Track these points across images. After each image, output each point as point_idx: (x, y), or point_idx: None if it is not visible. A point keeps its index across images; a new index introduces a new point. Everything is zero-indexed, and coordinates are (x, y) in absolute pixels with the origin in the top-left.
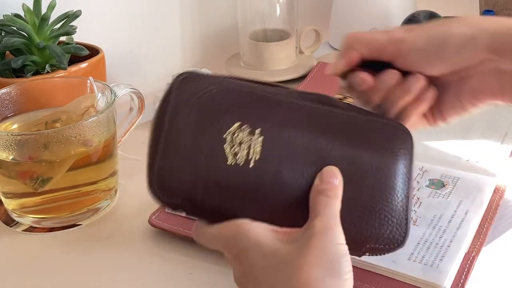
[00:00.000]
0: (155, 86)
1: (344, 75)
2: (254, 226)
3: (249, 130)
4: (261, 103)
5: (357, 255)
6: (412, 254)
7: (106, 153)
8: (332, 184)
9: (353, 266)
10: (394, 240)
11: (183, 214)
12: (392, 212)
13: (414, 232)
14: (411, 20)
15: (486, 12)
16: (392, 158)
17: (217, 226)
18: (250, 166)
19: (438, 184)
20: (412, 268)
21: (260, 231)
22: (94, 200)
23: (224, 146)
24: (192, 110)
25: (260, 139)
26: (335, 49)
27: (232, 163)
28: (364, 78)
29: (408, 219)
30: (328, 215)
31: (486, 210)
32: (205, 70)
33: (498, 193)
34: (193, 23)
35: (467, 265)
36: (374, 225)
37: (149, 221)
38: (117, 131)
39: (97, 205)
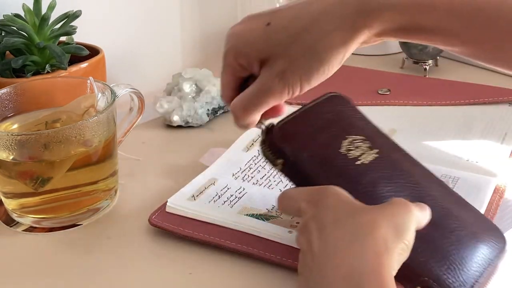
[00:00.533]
0: (155, 86)
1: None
2: (341, 189)
3: (369, 145)
4: (387, 140)
5: (409, 286)
6: None
7: (106, 153)
8: (420, 207)
9: None
10: None
11: (278, 168)
12: (461, 271)
13: None
14: None
15: None
16: (484, 239)
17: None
18: (356, 163)
19: None
20: None
21: (344, 192)
22: (94, 200)
23: (343, 141)
24: (334, 110)
25: (375, 155)
26: None
27: (343, 153)
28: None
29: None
30: (411, 207)
31: (486, 210)
32: (205, 71)
33: (498, 193)
34: (193, 23)
35: None
36: (441, 268)
37: (149, 220)
38: (117, 131)
39: (97, 205)
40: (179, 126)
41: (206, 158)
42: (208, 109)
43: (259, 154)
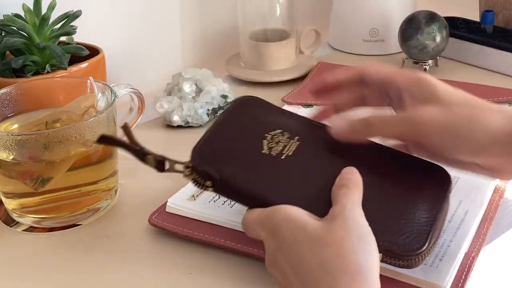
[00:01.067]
0: (155, 86)
1: None
2: (286, 205)
3: (288, 135)
4: (304, 122)
5: None
6: None
7: (106, 153)
8: (351, 178)
9: None
10: (410, 246)
11: (210, 190)
12: (411, 223)
13: None
14: (411, 20)
15: (486, 12)
16: (427, 189)
17: (258, 209)
18: (282, 158)
19: None
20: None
21: (290, 208)
22: (94, 200)
23: (263, 140)
24: (246, 113)
25: (297, 143)
26: (335, 49)
27: (266, 153)
28: None
29: (431, 235)
30: (347, 201)
31: (486, 210)
32: (205, 71)
33: (498, 193)
34: (193, 23)
35: (467, 266)
36: (393, 230)
37: (149, 220)
38: (117, 131)
39: (97, 205)
40: (179, 126)
41: None
42: (208, 109)
43: None
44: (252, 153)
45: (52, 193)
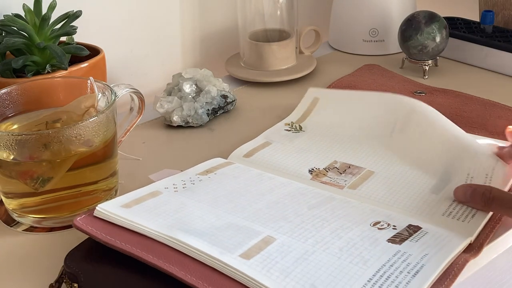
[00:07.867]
0: (155, 86)
1: None
2: None
3: None
4: None
5: None
6: None
7: (107, 153)
8: None
9: None
10: None
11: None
12: None
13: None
14: (411, 20)
15: (486, 12)
16: None
17: None
18: None
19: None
20: None
21: None
22: (95, 200)
23: None
24: None
25: None
26: (335, 49)
27: None
28: None
29: None
30: None
31: (444, 272)
32: (205, 71)
33: (470, 252)
34: (193, 23)
35: None
36: None
37: (73, 222)
38: (117, 131)
39: (98, 205)
40: (179, 126)
41: (157, 175)
42: (208, 109)
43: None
44: None
45: (53, 193)
